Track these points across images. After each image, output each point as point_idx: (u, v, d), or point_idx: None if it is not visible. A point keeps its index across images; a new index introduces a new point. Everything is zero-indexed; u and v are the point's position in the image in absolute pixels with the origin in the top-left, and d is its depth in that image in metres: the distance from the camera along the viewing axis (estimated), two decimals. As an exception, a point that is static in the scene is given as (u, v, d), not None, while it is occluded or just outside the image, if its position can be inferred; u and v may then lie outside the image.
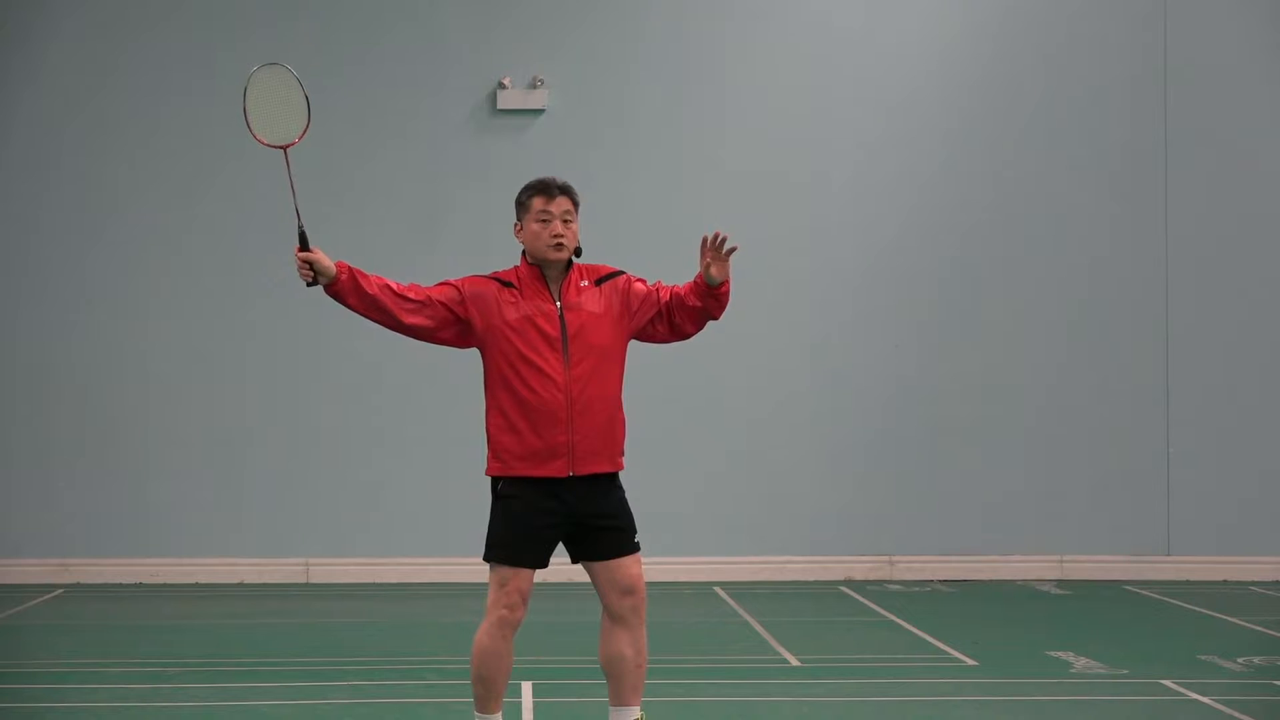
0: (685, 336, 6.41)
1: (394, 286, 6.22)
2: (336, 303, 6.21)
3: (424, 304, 6.23)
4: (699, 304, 6.30)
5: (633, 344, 6.44)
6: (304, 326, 12.62)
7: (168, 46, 12.70)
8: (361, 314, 6.22)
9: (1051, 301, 12.92)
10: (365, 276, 6.19)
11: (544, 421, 6.14)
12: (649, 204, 12.74)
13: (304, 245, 6.14)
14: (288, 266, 12.20)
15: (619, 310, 6.29)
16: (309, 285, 6.15)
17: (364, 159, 12.73)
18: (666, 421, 12.56)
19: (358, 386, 12.70)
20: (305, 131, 6.46)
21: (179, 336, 12.67)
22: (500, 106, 12.72)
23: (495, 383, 6.23)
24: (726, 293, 6.28)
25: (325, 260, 6.12)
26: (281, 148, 6.42)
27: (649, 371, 12.50)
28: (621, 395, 6.33)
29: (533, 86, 12.72)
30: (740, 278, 12.30)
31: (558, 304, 6.23)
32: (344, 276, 6.14)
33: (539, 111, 12.78)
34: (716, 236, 6.22)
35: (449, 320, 6.25)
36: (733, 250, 6.19)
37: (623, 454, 6.32)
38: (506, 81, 12.71)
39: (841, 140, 12.89)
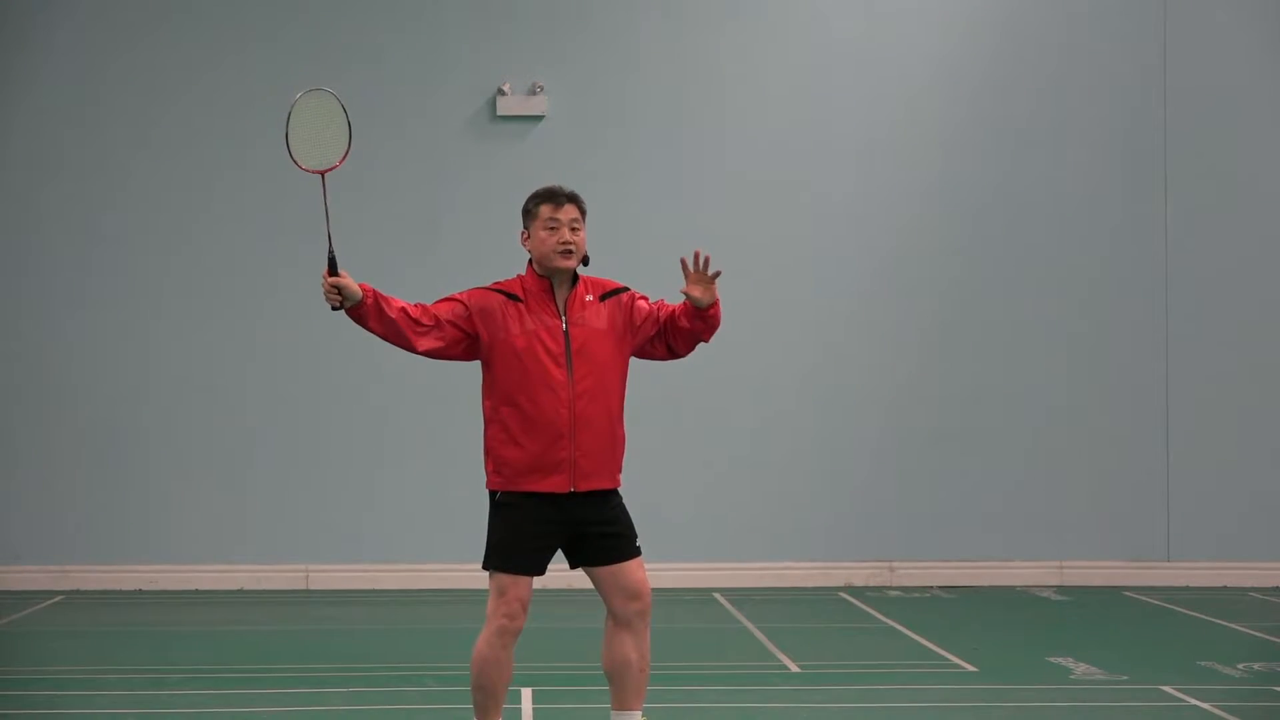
0: (678, 356, 6.41)
1: (410, 310, 6.17)
2: (357, 325, 6.16)
3: (434, 326, 6.19)
4: (688, 325, 6.27)
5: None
6: (304, 331, 12.61)
7: (167, 48, 12.70)
8: (380, 336, 6.17)
9: (1051, 308, 12.91)
10: (387, 300, 6.15)
11: (547, 436, 6.13)
12: (648, 210, 12.73)
13: (333, 270, 6.11)
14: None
15: (622, 327, 6.28)
16: (334, 309, 6.12)
17: (363, 165, 12.61)
18: (667, 427, 12.56)
19: (358, 392, 12.69)
20: (345, 156, 6.46)
21: (179, 342, 12.67)
22: (499, 113, 12.72)
23: (498, 396, 6.21)
24: (717, 315, 6.25)
25: (352, 285, 6.09)
26: (320, 172, 6.42)
27: (650, 378, 12.49)
28: (623, 412, 6.32)
29: (532, 93, 12.72)
30: (741, 282, 12.40)
31: (563, 319, 6.22)
32: (369, 301, 6.11)
33: (538, 118, 12.79)
34: (698, 258, 6.17)
35: (459, 339, 6.22)
36: (717, 274, 6.16)
37: (621, 470, 6.32)
38: (506, 88, 12.71)
39: (842, 146, 12.89)
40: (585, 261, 6.30)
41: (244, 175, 12.66)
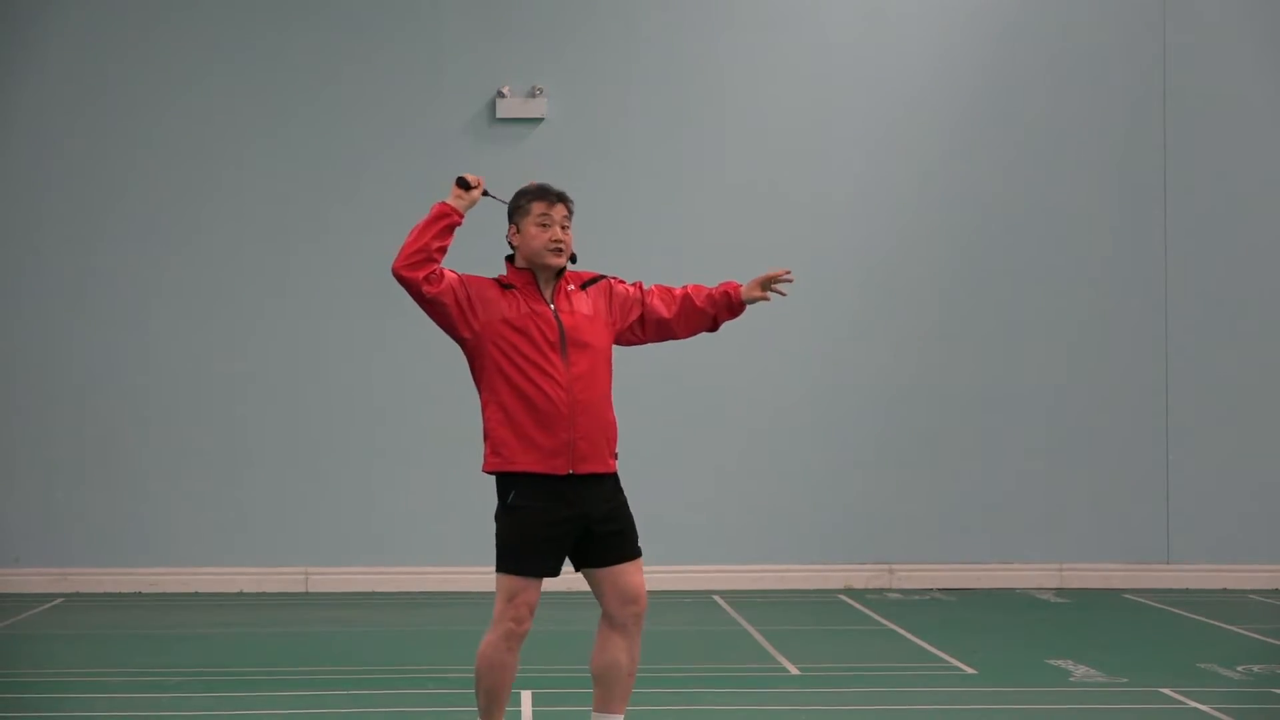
0: (671, 338, 6.54)
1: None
2: (436, 218, 6.42)
3: (441, 280, 6.39)
4: (711, 310, 6.50)
5: (634, 349, 6.49)
6: (304, 334, 12.62)
7: (167, 48, 12.69)
8: (422, 248, 6.43)
9: (1051, 311, 12.92)
10: (449, 239, 6.43)
11: (547, 419, 6.18)
12: (648, 213, 12.74)
13: (485, 193, 6.52)
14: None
15: (605, 313, 6.39)
16: (459, 184, 6.45)
17: (362, 167, 12.74)
18: (667, 429, 12.56)
19: (357, 394, 12.70)
20: None
21: (179, 342, 12.67)
22: (499, 115, 12.73)
23: (495, 379, 6.26)
24: (743, 310, 6.61)
25: (468, 205, 6.45)
26: None
27: (650, 379, 12.51)
28: (611, 397, 6.37)
29: (532, 95, 12.73)
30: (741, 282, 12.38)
31: (551, 306, 6.30)
32: (459, 222, 6.43)
33: (538, 120, 12.79)
34: (786, 273, 6.58)
35: (449, 293, 6.35)
36: (779, 293, 6.61)
37: (614, 455, 6.34)
38: (505, 90, 12.72)
39: (842, 148, 12.90)
40: (573, 260, 6.37)
41: (244, 175, 12.67)
